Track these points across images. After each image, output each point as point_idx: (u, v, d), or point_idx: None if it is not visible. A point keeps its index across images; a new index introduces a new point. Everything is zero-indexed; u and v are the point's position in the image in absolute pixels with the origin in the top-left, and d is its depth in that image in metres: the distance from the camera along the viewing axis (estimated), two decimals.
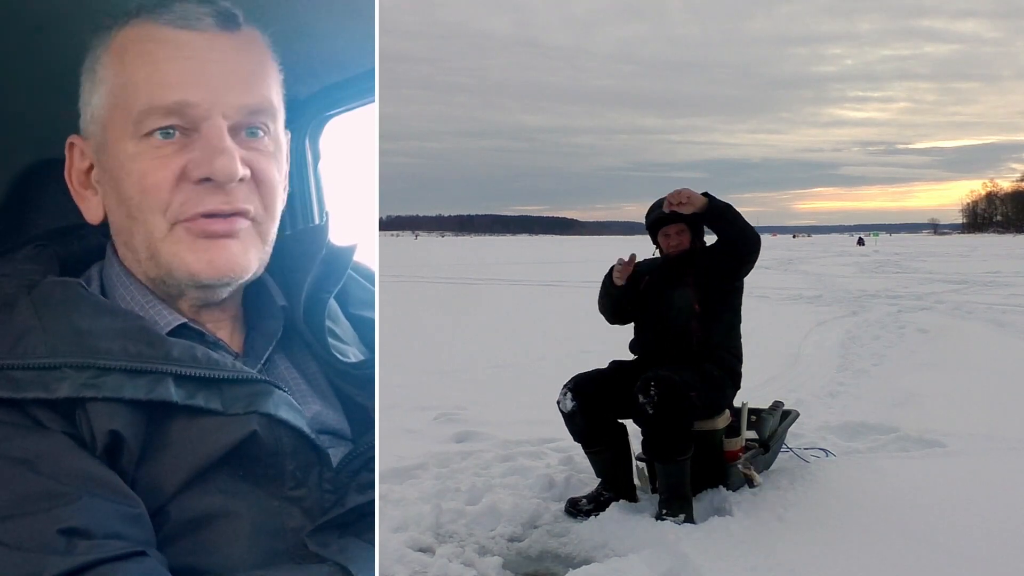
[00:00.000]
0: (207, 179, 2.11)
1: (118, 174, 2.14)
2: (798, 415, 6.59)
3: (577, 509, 5.44)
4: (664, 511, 5.20)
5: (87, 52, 2.23)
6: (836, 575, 4.43)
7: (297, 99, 2.61)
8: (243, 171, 2.15)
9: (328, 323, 2.43)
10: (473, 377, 10.46)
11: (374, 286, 2.61)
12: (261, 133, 2.23)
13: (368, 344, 2.56)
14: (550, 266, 42.12)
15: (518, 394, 9.20)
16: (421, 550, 4.97)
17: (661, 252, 5.97)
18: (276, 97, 2.28)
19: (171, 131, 2.11)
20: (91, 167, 2.25)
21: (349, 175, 3.35)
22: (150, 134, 2.10)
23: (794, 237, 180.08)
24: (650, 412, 5.21)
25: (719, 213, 5.48)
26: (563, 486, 5.89)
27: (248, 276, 2.25)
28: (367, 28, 2.40)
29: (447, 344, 13.40)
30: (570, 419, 5.70)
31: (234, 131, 2.15)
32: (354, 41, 2.67)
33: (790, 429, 6.41)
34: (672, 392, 5.21)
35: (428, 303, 21.65)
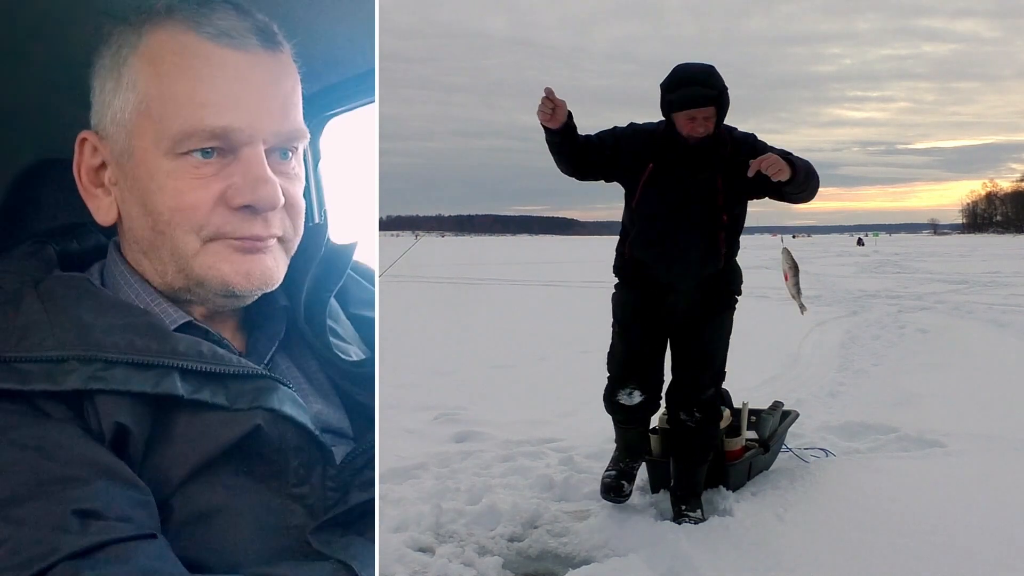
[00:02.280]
0: (247, 206, 2.12)
1: (148, 186, 2.13)
2: (798, 415, 6.60)
3: (620, 494, 5.42)
4: (683, 507, 5.22)
5: (107, 49, 2.20)
6: (836, 575, 4.44)
7: None
8: (283, 199, 2.16)
9: (329, 322, 2.44)
10: (473, 377, 10.45)
11: (374, 286, 2.61)
12: (290, 155, 2.25)
13: (368, 343, 2.57)
14: (550, 266, 42.12)
15: (518, 394, 9.21)
16: (421, 550, 4.99)
17: (669, 133, 4.99)
18: (302, 117, 2.30)
19: (211, 152, 2.11)
20: (103, 165, 2.24)
21: (349, 175, 3.35)
22: (189, 153, 2.10)
23: (794, 237, 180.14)
24: (692, 427, 5.32)
25: (801, 184, 4.83)
26: (563, 486, 5.90)
27: (276, 286, 2.27)
28: (367, 28, 2.40)
29: (447, 344, 13.41)
30: (631, 411, 5.38)
31: (269, 153, 2.17)
32: (354, 41, 2.68)
33: (790, 429, 6.42)
34: (714, 410, 5.38)
35: (428, 303, 21.64)
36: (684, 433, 5.35)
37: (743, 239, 5.39)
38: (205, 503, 2.04)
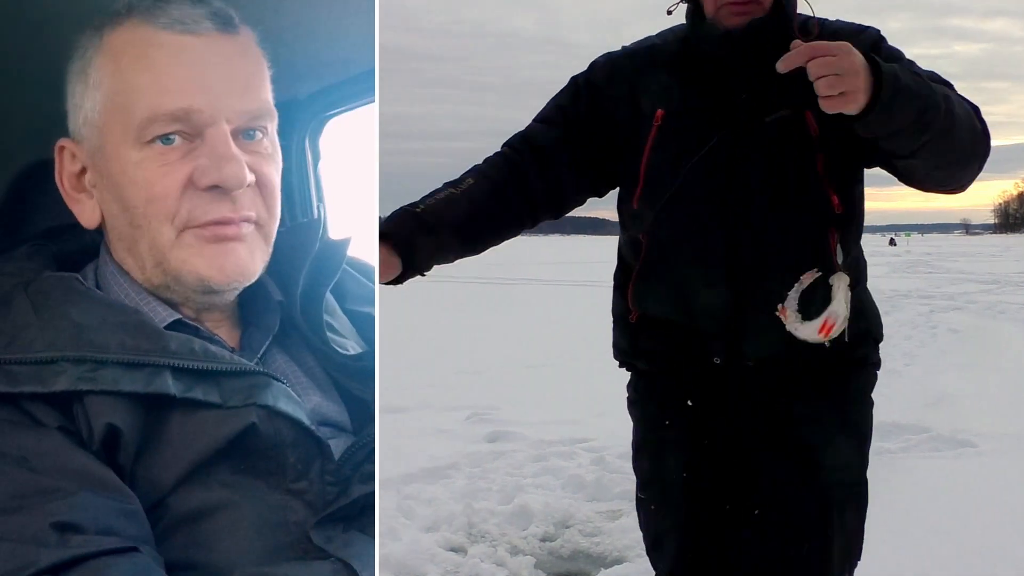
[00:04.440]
0: (214, 186, 2.09)
1: (120, 181, 2.11)
2: None
3: None
4: None
5: (76, 54, 2.20)
6: (866, 573, 4.41)
7: (297, 99, 2.59)
8: (250, 177, 2.13)
9: (325, 317, 2.41)
10: (505, 377, 10.46)
11: (373, 282, 2.59)
12: (260, 135, 2.21)
13: (366, 338, 2.50)
14: (582, 266, 42.10)
15: (550, 394, 9.21)
16: (453, 550, 5.00)
17: (695, 37, 2.56)
18: (270, 97, 2.26)
19: (173, 137, 2.08)
20: (83, 170, 2.22)
21: (349, 175, 3.35)
22: (153, 141, 2.07)
23: None
24: None
25: (912, 132, 2.13)
26: (595, 486, 5.90)
27: (254, 279, 2.23)
28: (367, 28, 2.35)
29: (479, 344, 13.42)
30: None
31: (235, 135, 2.13)
32: (354, 41, 2.63)
33: None
34: None
35: (460, 303, 21.68)
36: None
37: None
38: (202, 502, 2.00)
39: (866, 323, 2.71)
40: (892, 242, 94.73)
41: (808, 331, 2.42)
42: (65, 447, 1.91)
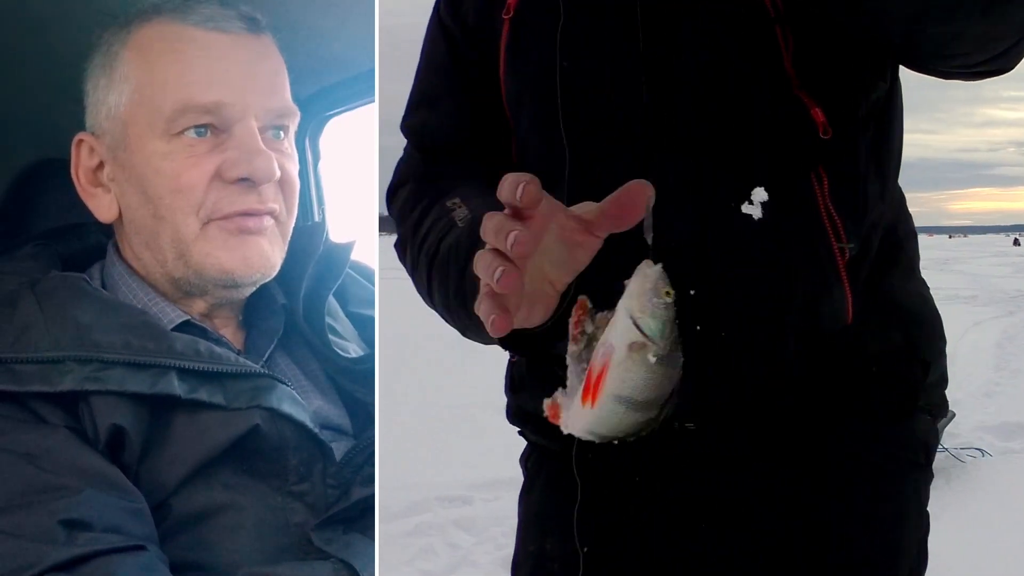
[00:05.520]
0: (243, 179, 2.08)
1: (144, 172, 2.11)
2: (954, 415, 6.43)
3: None
4: None
5: (99, 50, 2.21)
6: (989, 569, 4.37)
7: (297, 99, 2.62)
8: (277, 172, 2.12)
9: (328, 320, 2.39)
10: None
11: (373, 284, 2.58)
12: (282, 134, 2.21)
13: (368, 341, 2.48)
14: None
15: None
16: None
17: None
18: (290, 99, 2.26)
19: (204, 129, 2.08)
20: (100, 164, 2.22)
21: (350, 175, 3.34)
22: (182, 132, 2.07)
23: (950, 237, 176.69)
24: None
25: None
26: None
27: (274, 273, 2.23)
28: (367, 28, 2.34)
29: None
30: None
31: (261, 132, 2.13)
32: (354, 41, 2.63)
33: (946, 429, 6.30)
34: None
35: None
36: None
37: None
38: (205, 503, 1.99)
39: (903, 333, 1.67)
40: (1016, 242, 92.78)
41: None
42: (71, 445, 1.92)
